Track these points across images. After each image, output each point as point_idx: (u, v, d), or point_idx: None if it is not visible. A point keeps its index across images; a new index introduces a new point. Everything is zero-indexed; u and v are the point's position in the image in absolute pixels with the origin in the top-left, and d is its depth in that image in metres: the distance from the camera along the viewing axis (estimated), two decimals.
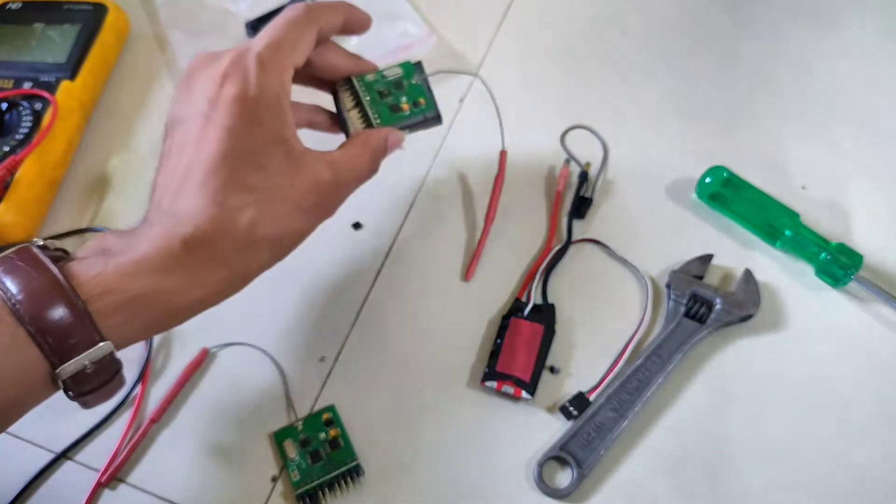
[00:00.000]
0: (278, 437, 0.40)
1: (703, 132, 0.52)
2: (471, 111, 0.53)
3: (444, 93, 0.54)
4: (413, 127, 0.40)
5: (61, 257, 0.31)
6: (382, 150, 0.38)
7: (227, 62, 0.33)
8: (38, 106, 0.49)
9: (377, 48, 0.55)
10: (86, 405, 0.31)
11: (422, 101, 0.40)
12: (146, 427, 0.40)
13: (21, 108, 0.48)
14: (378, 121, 0.39)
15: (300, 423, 0.40)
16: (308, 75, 0.39)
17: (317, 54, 0.37)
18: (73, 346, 0.28)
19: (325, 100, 0.41)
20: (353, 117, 0.39)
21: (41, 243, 0.31)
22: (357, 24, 0.40)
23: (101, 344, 0.28)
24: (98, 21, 0.54)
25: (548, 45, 0.57)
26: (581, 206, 0.48)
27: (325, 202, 0.35)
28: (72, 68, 0.51)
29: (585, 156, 0.50)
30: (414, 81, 0.40)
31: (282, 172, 0.32)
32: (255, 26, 0.56)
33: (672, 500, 0.38)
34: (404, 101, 0.40)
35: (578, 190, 0.48)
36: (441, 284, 0.45)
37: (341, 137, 0.40)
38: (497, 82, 0.55)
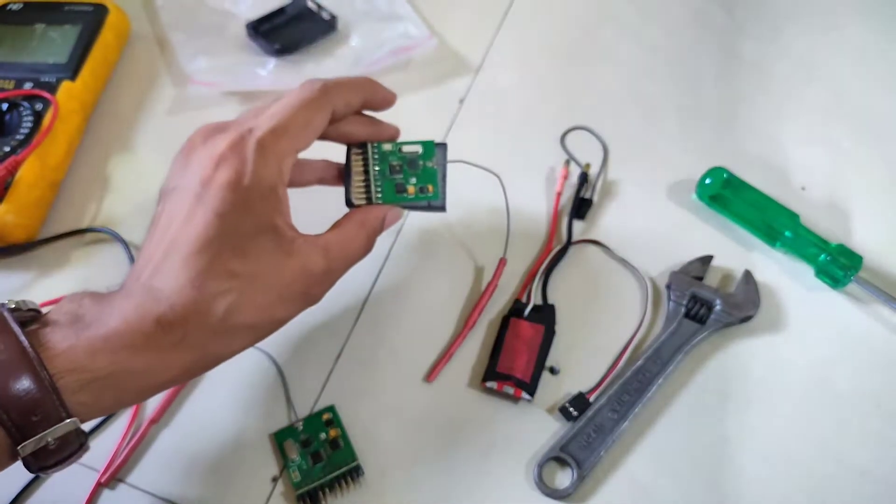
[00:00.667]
0: (278, 438, 0.40)
1: (703, 133, 0.52)
2: (471, 111, 0.53)
3: (443, 92, 0.54)
4: (413, 209, 0.39)
5: (33, 318, 0.30)
6: (379, 230, 0.37)
7: (226, 144, 0.31)
8: (38, 106, 0.49)
9: (378, 50, 0.55)
10: (45, 475, 0.30)
11: (430, 188, 0.38)
12: (146, 427, 0.40)
13: (22, 109, 0.49)
14: (379, 197, 0.37)
15: (300, 423, 0.40)
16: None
17: (331, 127, 0.36)
18: (37, 422, 0.27)
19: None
20: (356, 185, 0.37)
21: (13, 306, 0.30)
22: (378, 102, 0.38)
23: (67, 421, 0.27)
24: (99, 22, 0.54)
25: (547, 46, 0.57)
26: (581, 207, 0.48)
27: (313, 291, 0.34)
28: (72, 69, 0.51)
29: (585, 157, 0.50)
30: (429, 165, 0.38)
31: (268, 261, 0.31)
32: (255, 27, 0.56)
33: (672, 500, 0.38)
34: (413, 182, 0.38)
35: (578, 191, 0.48)
36: (441, 284, 0.45)
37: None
38: (497, 83, 0.55)
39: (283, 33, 0.56)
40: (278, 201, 0.32)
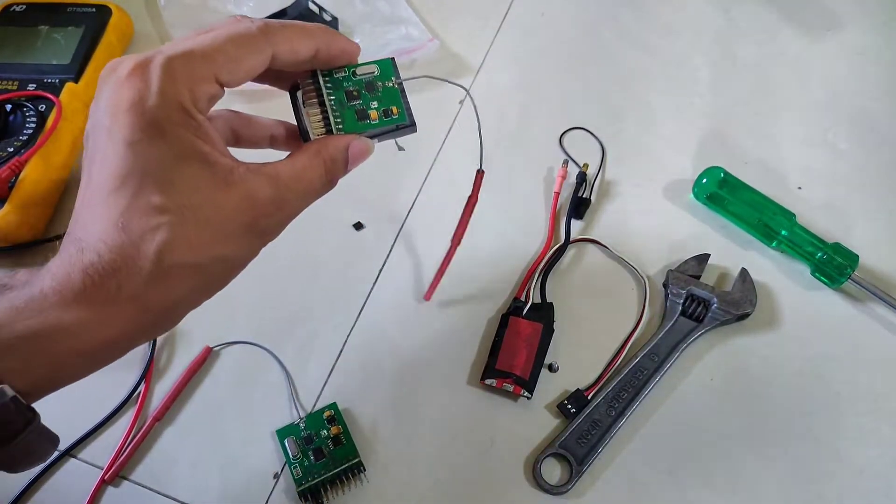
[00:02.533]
0: (280, 435, 0.40)
1: (700, 133, 0.52)
2: (471, 111, 0.53)
3: (444, 94, 0.55)
4: (382, 135, 0.34)
5: None
6: (342, 162, 0.32)
7: (129, 67, 0.28)
8: (42, 107, 0.49)
9: (379, 52, 0.56)
10: (2, 466, 0.26)
11: (395, 110, 0.33)
12: (149, 425, 0.41)
13: (25, 110, 0.49)
14: (340, 128, 0.32)
15: (302, 420, 0.40)
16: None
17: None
18: None
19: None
20: (312, 121, 0.32)
21: None
22: (335, 54, 0.32)
23: None
24: (102, 23, 0.55)
25: (546, 47, 0.57)
26: (579, 207, 0.48)
27: (262, 224, 0.29)
28: (76, 70, 0.52)
29: (583, 157, 0.51)
30: (389, 84, 0.34)
31: (200, 191, 0.28)
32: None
33: (669, 496, 0.39)
34: (374, 107, 0.33)
35: (577, 190, 0.49)
36: (442, 285, 0.46)
37: None
38: (496, 84, 0.55)
39: None
40: (198, 126, 0.28)
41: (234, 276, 0.30)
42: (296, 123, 0.34)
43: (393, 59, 0.34)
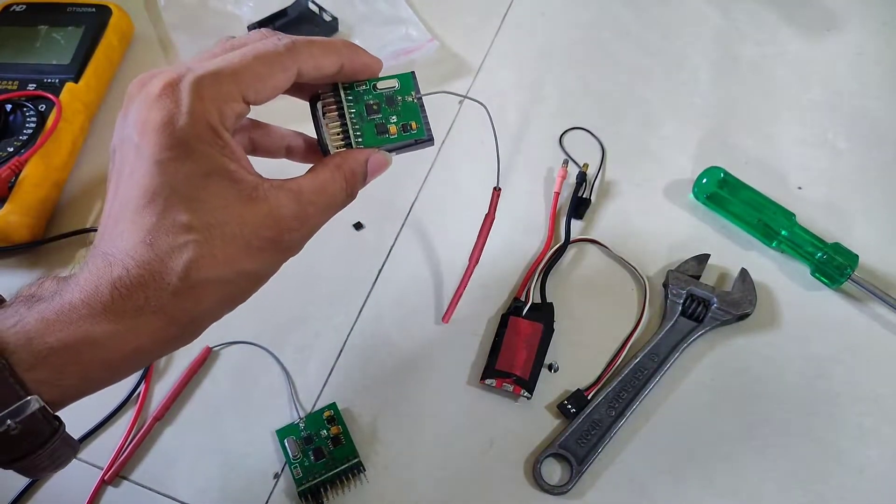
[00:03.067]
0: (280, 435, 0.40)
1: (700, 133, 0.52)
2: (471, 112, 0.54)
3: (445, 94, 0.55)
4: (401, 149, 0.34)
5: None
6: (362, 176, 0.33)
7: (159, 86, 0.28)
8: (42, 107, 0.49)
9: (379, 52, 0.55)
10: (26, 473, 0.27)
11: (413, 125, 0.34)
12: (149, 425, 0.41)
13: (25, 110, 0.49)
14: (360, 142, 0.33)
15: (302, 420, 0.40)
16: None
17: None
18: None
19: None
20: (332, 133, 0.33)
21: None
22: (358, 68, 0.33)
23: (26, 399, 0.25)
24: (102, 23, 0.55)
25: (546, 47, 0.57)
26: (579, 207, 0.48)
27: (286, 239, 0.30)
28: (76, 70, 0.52)
29: (583, 157, 0.51)
30: (409, 99, 0.34)
31: (226, 208, 0.28)
32: (257, 29, 0.57)
33: (669, 496, 0.39)
34: (394, 121, 0.34)
35: (577, 190, 0.49)
36: (442, 284, 0.46)
37: None
38: (496, 84, 0.55)
39: None
40: (224, 144, 0.29)
41: (258, 288, 0.31)
42: (313, 134, 0.34)
43: (413, 73, 0.35)
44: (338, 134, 0.33)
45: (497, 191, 0.39)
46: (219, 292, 0.29)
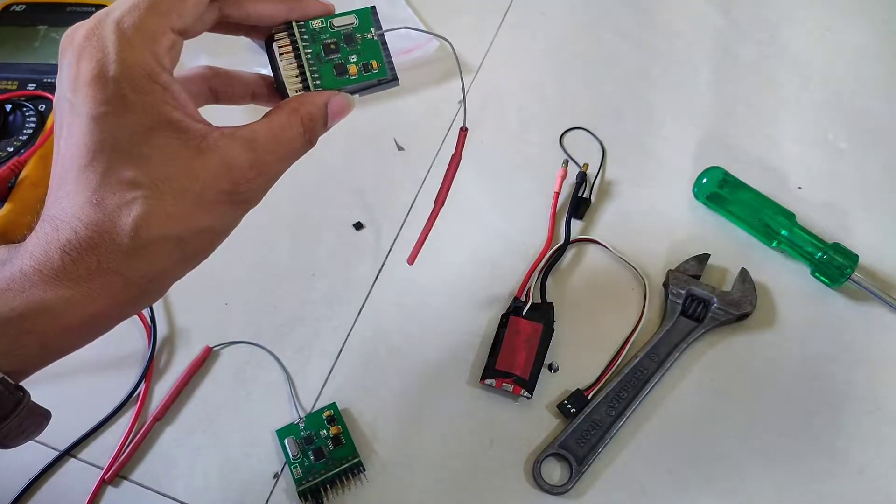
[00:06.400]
0: (280, 435, 0.40)
1: (700, 133, 0.52)
2: (471, 112, 0.54)
3: (443, 94, 0.55)
4: (364, 90, 0.32)
5: None
6: (321, 120, 0.31)
7: (82, 35, 0.26)
8: (42, 107, 0.49)
9: None
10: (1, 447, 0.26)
11: (374, 64, 0.32)
12: (149, 425, 0.41)
13: (25, 110, 0.49)
14: (318, 84, 0.31)
15: (302, 420, 0.40)
16: (227, 23, 0.31)
17: (231, 6, 0.30)
18: None
19: None
20: (288, 76, 0.31)
21: None
22: (309, 15, 0.31)
23: None
24: None
25: (546, 47, 0.57)
26: (579, 207, 0.48)
27: (242, 190, 0.28)
28: None
29: (583, 157, 0.51)
30: (369, 36, 0.32)
31: (174, 161, 0.27)
32: None
33: (669, 496, 0.39)
34: (353, 60, 0.31)
35: (577, 190, 0.49)
36: (442, 285, 0.46)
37: None
38: (496, 84, 0.55)
39: None
40: (164, 90, 0.27)
41: (217, 245, 0.29)
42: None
43: (373, 7, 0.32)
44: (295, 77, 0.31)
45: (464, 131, 0.37)
46: (175, 250, 0.28)
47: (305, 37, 0.31)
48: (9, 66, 0.52)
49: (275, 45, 0.31)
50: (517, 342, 0.42)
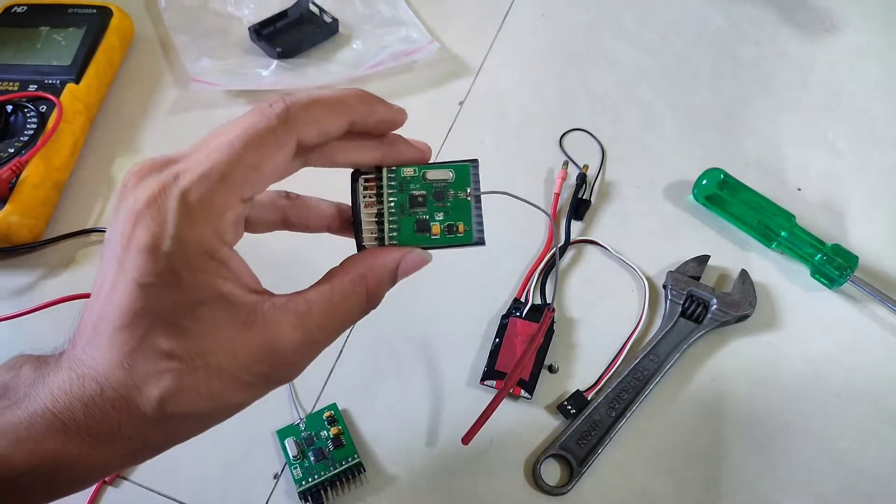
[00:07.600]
0: (281, 435, 0.40)
1: (700, 134, 0.52)
2: (471, 113, 0.54)
3: (444, 94, 0.55)
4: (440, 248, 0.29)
5: None
6: (389, 281, 0.28)
7: (145, 197, 0.25)
8: (43, 108, 0.49)
9: (380, 53, 0.56)
10: None
11: (461, 227, 0.29)
12: None
13: (26, 111, 0.49)
14: (394, 237, 0.28)
15: (302, 421, 0.40)
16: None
17: (316, 154, 0.28)
18: None
19: None
20: (366, 221, 0.28)
21: None
22: (374, 124, 0.28)
23: None
24: (103, 24, 0.55)
25: (546, 49, 0.57)
26: (579, 208, 0.48)
27: (280, 373, 0.27)
28: (76, 71, 0.52)
29: (583, 158, 0.51)
30: (463, 196, 0.29)
31: (214, 335, 0.25)
32: (258, 31, 0.57)
33: (669, 497, 0.39)
34: (439, 219, 0.29)
35: (577, 192, 0.49)
36: (441, 285, 0.46)
37: None
38: (496, 86, 0.55)
39: (286, 37, 0.57)
40: (221, 265, 0.26)
41: (238, 412, 0.28)
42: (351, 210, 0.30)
43: (475, 162, 0.29)
44: (372, 224, 0.29)
45: (550, 311, 0.35)
46: (196, 424, 0.27)
47: (393, 183, 0.29)
48: (10, 68, 0.52)
49: (359, 185, 0.29)
50: (517, 343, 0.42)
